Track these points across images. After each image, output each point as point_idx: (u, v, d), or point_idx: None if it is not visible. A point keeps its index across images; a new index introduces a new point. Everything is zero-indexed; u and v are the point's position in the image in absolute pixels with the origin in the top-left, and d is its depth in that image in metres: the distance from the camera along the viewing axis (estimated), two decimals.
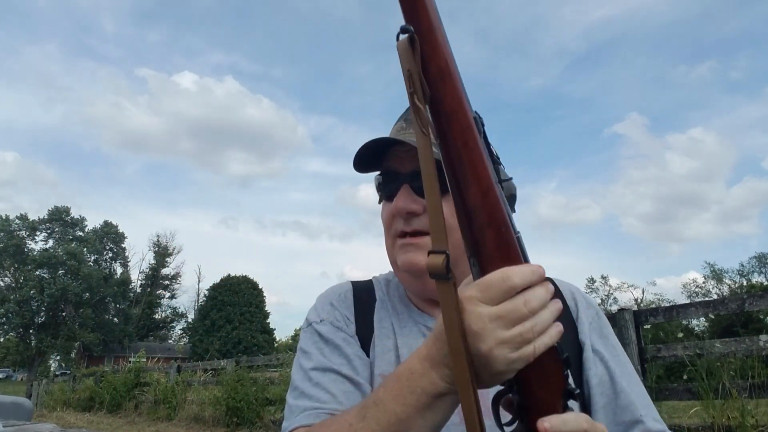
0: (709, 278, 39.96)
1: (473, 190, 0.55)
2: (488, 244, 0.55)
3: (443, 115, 0.55)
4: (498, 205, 0.55)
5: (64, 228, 46.37)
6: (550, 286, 0.55)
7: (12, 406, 3.44)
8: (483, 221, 0.55)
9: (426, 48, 0.55)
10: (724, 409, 4.02)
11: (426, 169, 0.56)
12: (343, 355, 0.83)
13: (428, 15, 0.55)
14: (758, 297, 4.11)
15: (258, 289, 41.82)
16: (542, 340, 0.53)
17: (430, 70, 0.55)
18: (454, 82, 0.55)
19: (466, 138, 0.55)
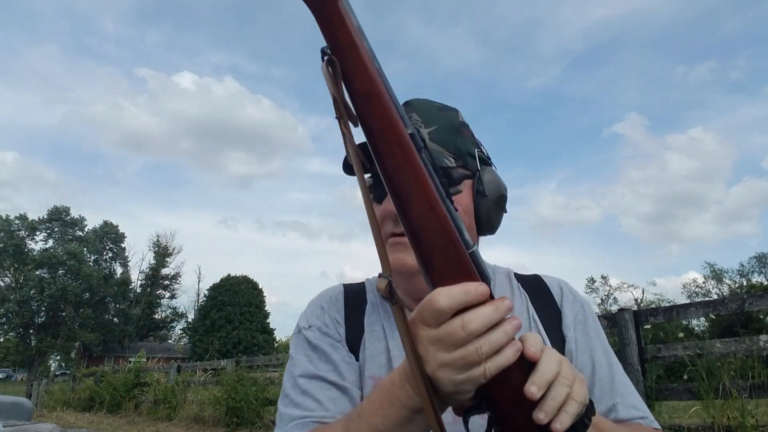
0: (709, 278, 39.98)
1: (416, 210, 0.53)
2: (436, 262, 0.53)
3: (375, 137, 0.53)
4: (444, 222, 0.53)
5: (64, 228, 46.37)
6: (503, 304, 0.51)
7: (12, 406, 3.44)
8: (429, 239, 0.53)
9: (348, 69, 0.53)
10: (724, 409, 4.02)
11: (363, 193, 0.54)
12: (329, 362, 0.84)
13: (348, 33, 0.53)
14: (758, 297, 4.11)
15: (258, 289, 41.81)
16: (495, 361, 0.50)
17: (356, 91, 0.53)
18: (382, 101, 0.53)
19: (401, 159, 0.52)
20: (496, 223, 0.90)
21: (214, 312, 39.28)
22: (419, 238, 0.53)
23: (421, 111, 0.86)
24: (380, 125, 0.53)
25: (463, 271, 0.53)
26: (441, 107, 0.89)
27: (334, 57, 0.53)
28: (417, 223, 0.53)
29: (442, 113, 0.87)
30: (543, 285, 0.95)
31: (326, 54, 0.53)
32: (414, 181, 0.52)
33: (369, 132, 0.53)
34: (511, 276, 0.97)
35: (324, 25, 0.53)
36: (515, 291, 0.94)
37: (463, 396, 0.53)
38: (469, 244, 0.54)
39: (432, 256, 0.53)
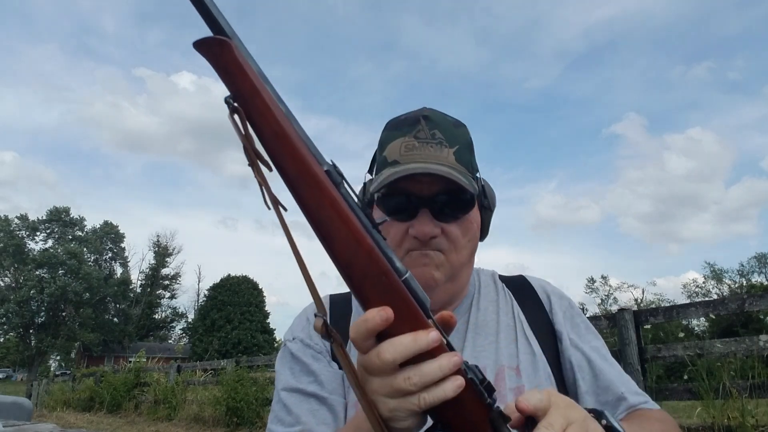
0: (709, 278, 40.00)
1: (341, 246, 0.52)
2: (371, 295, 0.52)
3: (290, 179, 0.53)
4: (372, 254, 0.52)
5: (64, 228, 46.37)
6: (425, 336, 0.51)
7: (12, 406, 3.44)
8: (359, 272, 0.52)
9: (254, 115, 0.53)
10: (724, 409, 4.03)
11: (289, 240, 0.54)
12: (310, 373, 0.86)
13: (248, 79, 0.53)
14: (758, 297, 4.12)
15: (258, 289, 41.80)
16: (432, 393, 0.50)
17: (266, 135, 0.53)
18: (292, 142, 0.52)
19: (319, 197, 0.52)
20: (488, 231, 0.96)
21: (214, 312, 39.28)
22: (349, 271, 0.52)
23: (442, 127, 0.86)
24: (294, 166, 0.52)
25: (398, 299, 0.52)
26: (455, 122, 0.90)
27: (238, 105, 0.53)
28: (345, 258, 0.52)
29: (458, 130, 0.88)
30: (528, 285, 0.98)
31: (229, 103, 0.53)
32: (336, 217, 0.52)
33: (284, 174, 0.53)
34: (495, 278, 1.00)
35: (223, 75, 0.53)
36: (500, 292, 0.97)
37: (400, 423, 0.53)
38: (401, 271, 0.53)
39: (365, 287, 0.52)
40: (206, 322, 39.13)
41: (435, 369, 0.50)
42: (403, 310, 0.52)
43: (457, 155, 0.83)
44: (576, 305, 0.97)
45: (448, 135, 0.85)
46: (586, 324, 0.93)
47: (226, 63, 0.53)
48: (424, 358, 0.51)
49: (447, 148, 0.83)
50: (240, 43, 0.54)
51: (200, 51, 0.54)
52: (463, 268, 0.89)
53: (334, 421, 0.83)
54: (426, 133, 0.84)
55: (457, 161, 0.83)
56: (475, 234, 0.88)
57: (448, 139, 0.84)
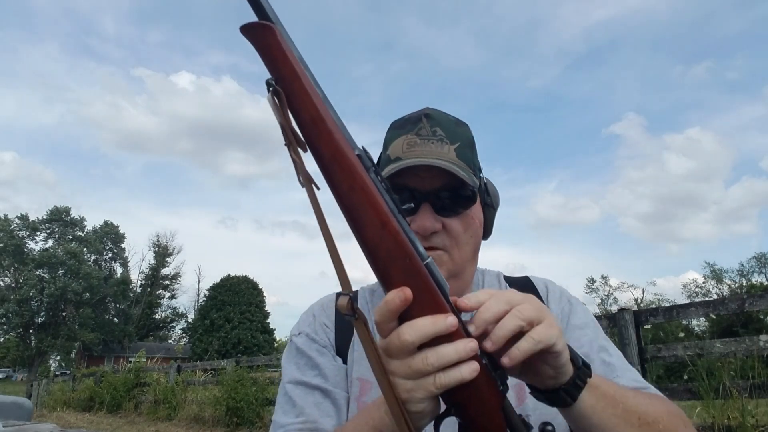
0: (709, 278, 39.99)
1: (369, 229, 0.54)
2: (394, 276, 0.54)
3: (324, 162, 0.55)
4: (398, 238, 0.54)
5: (64, 228, 46.38)
6: (444, 319, 0.53)
7: (12, 406, 3.44)
8: (385, 255, 0.54)
9: (293, 98, 0.55)
10: (725, 409, 4.02)
11: (319, 218, 0.56)
12: (314, 366, 0.88)
13: (289, 63, 0.55)
14: (758, 297, 4.11)
15: (258, 289, 41.82)
16: (448, 375, 0.52)
17: (303, 118, 0.55)
18: (328, 126, 0.55)
19: (350, 181, 0.54)
20: (492, 228, 0.96)
21: (214, 312, 39.29)
22: (375, 254, 0.55)
23: (443, 125, 0.88)
24: (329, 149, 0.55)
25: (422, 283, 0.54)
26: (456, 121, 0.91)
27: (279, 87, 0.55)
28: (372, 241, 0.54)
29: (459, 128, 0.90)
30: (531, 286, 0.98)
31: (271, 85, 0.55)
32: (365, 201, 0.54)
33: (318, 156, 0.56)
34: (500, 278, 1.01)
35: (266, 59, 0.56)
36: None
37: (416, 405, 0.54)
38: (423, 256, 0.55)
39: (390, 270, 0.54)
40: (206, 322, 39.13)
41: (452, 352, 0.52)
42: (425, 294, 0.54)
43: (458, 152, 0.85)
44: (579, 303, 0.96)
45: (449, 132, 0.87)
46: (587, 321, 0.92)
47: (270, 47, 0.55)
48: (443, 342, 0.53)
49: (448, 144, 0.85)
50: (283, 29, 0.57)
51: (246, 35, 0.56)
52: (467, 265, 0.89)
53: (337, 413, 0.84)
54: (428, 131, 0.86)
55: (458, 157, 0.85)
56: (476, 231, 0.89)
57: (449, 136, 0.86)
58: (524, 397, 0.84)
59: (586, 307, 0.96)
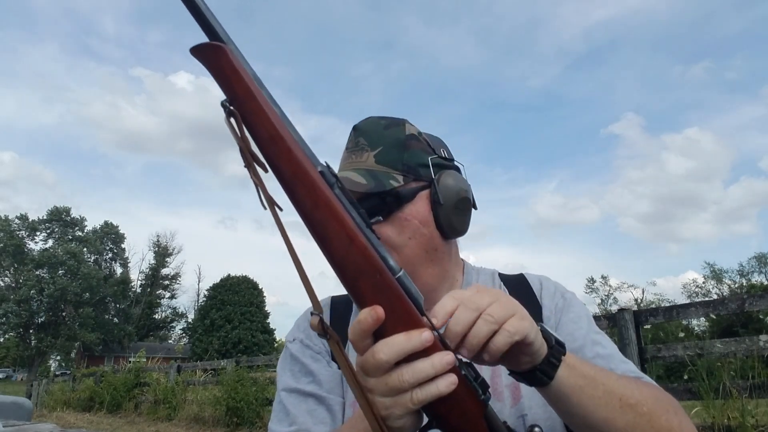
0: (709, 278, 39.99)
1: (336, 245, 0.54)
2: (366, 294, 0.53)
3: (286, 181, 0.54)
4: (366, 253, 0.53)
5: (64, 228, 46.37)
6: (419, 336, 0.52)
7: (12, 406, 3.44)
8: (354, 271, 0.53)
9: (249, 118, 0.54)
10: (724, 409, 4.02)
11: (285, 239, 0.55)
12: (308, 373, 0.88)
13: (243, 83, 0.54)
14: (758, 297, 4.11)
15: (258, 289, 41.81)
16: (425, 390, 0.52)
17: (261, 137, 0.54)
18: (287, 144, 0.54)
19: (314, 198, 0.54)
20: (461, 225, 0.90)
21: (214, 312, 39.27)
22: (344, 271, 0.54)
23: (367, 134, 0.88)
24: (289, 167, 0.54)
25: (393, 297, 0.53)
26: (387, 124, 0.90)
27: (234, 108, 0.54)
28: (340, 257, 0.54)
29: (387, 131, 0.89)
30: (525, 283, 0.97)
31: (226, 107, 0.54)
32: (330, 217, 0.54)
33: (279, 175, 0.55)
34: (495, 276, 0.99)
35: (219, 80, 0.55)
36: None
37: (396, 421, 0.54)
38: (395, 269, 0.55)
39: (360, 287, 0.54)
40: (206, 322, 39.11)
41: (428, 367, 0.52)
42: (398, 309, 0.53)
43: (378, 156, 0.85)
44: (574, 298, 0.94)
45: (372, 139, 0.87)
46: (580, 315, 0.90)
47: (222, 67, 0.55)
48: (419, 357, 0.52)
49: (368, 152, 0.86)
50: (235, 48, 0.56)
51: (196, 56, 0.55)
52: (418, 268, 0.85)
53: (332, 420, 0.84)
54: (353, 143, 0.89)
55: (378, 162, 0.85)
56: (417, 230, 0.84)
57: (372, 143, 0.87)
58: (519, 397, 0.84)
59: (580, 302, 0.94)
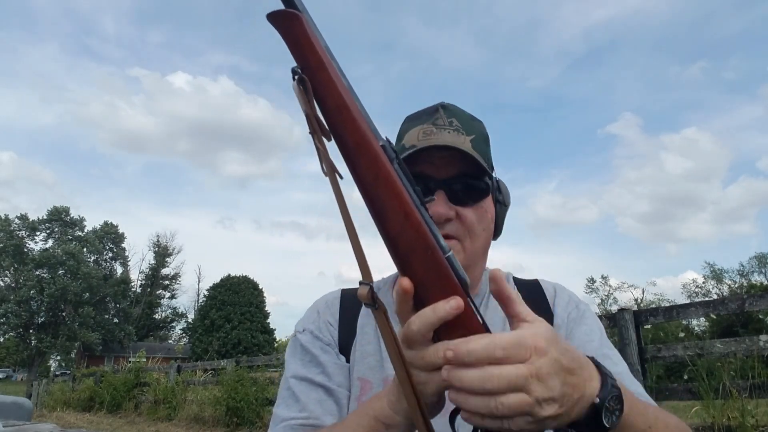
0: (709, 278, 39.98)
1: (391, 219, 0.54)
2: (416, 269, 0.54)
3: (349, 151, 0.55)
4: (420, 229, 0.54)
5: (64, 228, 46.35)
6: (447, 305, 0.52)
7: (12, 406, 3.44)
8: (406, 247, 0.54)
9: (318, 86, 0.55)
10: (724, 409, 4.02)
11: (342, 208, 0.56)
12: (318, 364, 0.88)
13: (316, 52, 0.55)
14: (758, 297, 4.11)
15: (258, 289, 41.80)
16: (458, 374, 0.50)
17: (328, 106, 0.55)
18: (353, 115, 0.55)
19: (375, 170, 0.54)
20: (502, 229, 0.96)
21: (214, 312, 39.27)
22: (396, 245, 0.55)
23: (459, 117, 0.88)
24: (353, 138, 0.55)
25: (442, 275, 0.54)
26: (471, 117, 0.92)
27: (305, 75, 0.55)
28: (394, 231, 0.55)
29: (475, 123, 0.90)
30: (539, 289, 0.96)
31: (296, 73, 0.55)
32: (389, 191, 0.54)
33: (343, 145, 0.55)
34: (510, 280, 0.99)
35: (292, 47, 0.56)
36: None
37: (429, 398, 0.55)
38: (444, 249, 0.56)
39: (411, 261, 0.54)
40: (206, 322, 39.10)
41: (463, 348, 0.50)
42: (445, 287, 0.54)
43: (473, 143, 0.85)
44: (588, 309, 0.93)
45: (465, 125, 0.87)
46: (592, 328, 0.89)
47: (297, 35, 0.56)
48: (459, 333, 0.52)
49: (464, 135, 0.86)
50: (310, 18, 0.57)
51: (272, 22, 0.56)
52: (478, 259, 0.88)
53: (339, 412, 0.85)
54: (444, 121, 0.87)
55: (474, 149, 0.85)
56: (489, 225, 0.88)
57: (465, 128, 0.87)
58: None
59: (594, 314, 0.93)
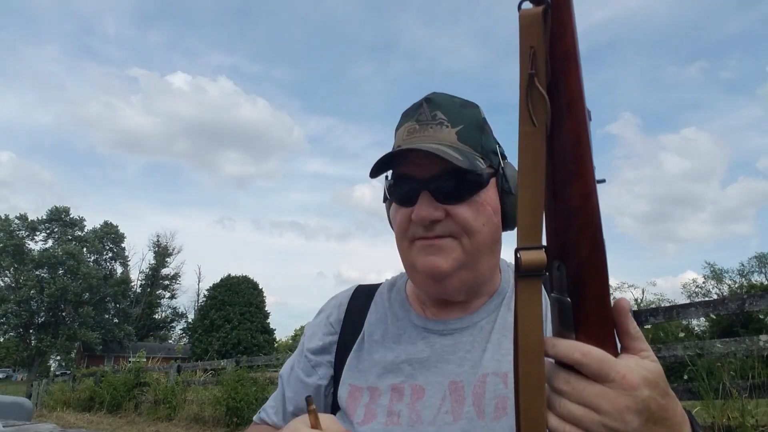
0: (709, 278, 39.98)
1: (576, 190, 0.50)
2: (583, 248, 0.50)
3: (563, 103, 0.49)
4: (597, 209, 0.50)
5: (64, 228, 46.32)
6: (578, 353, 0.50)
7: (12, 406, 3.44)
8: (582, 223, 0.50)
9: (556, 26, 0.48)
10: (724, 409, 4.02)
11: (532, 162, 0.50)
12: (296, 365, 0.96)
13: None
14: (758, 297, 4.11)
15: (258, 289, 41.76)
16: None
17: (557, 52, 0.49)
18: (578, 70, 0.49)
19: (580, 133, 0.50)
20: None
21: (214, 312, 39.24)
22: (571, 219, 0.50)
23: (445, 108, 0.82)
24: (572, 94, 0.49)
25: (602, 260, 0.51)
26: (463, 103, 0.85)
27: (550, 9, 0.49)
28: (574, 204, 0.50)
29: (465, 110, 0.84)
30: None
31: (543, 2, 0.48)
32: (584, 161, 0.50)
33: (560, 96, 0.50)
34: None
35: None
36: None
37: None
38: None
39: (580, 240, 0.50)
40: (206, 322, 39.06)
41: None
42: (603, 276, 0.51)
43: (460, 134, 0.80)
44: None
45: (451, 115, 0.82)
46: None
47: None
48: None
49: (449, 128, 0.80)
50: None
51: None
52: (482, 256, 0.81)
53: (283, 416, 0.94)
54: (427, 116, 0.82)
55: (460, 140, 0.80)
56: (490, 218, 0.81)
57: (451, 119, 0.81)
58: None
59: None
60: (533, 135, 0.50)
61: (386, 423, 0.78)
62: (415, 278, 0.86)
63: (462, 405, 0.77)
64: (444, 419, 0.76)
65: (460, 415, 0.76)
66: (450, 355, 0.82)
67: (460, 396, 0.78)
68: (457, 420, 0.76)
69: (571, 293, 0.50)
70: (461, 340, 0.83)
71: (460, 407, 0.77)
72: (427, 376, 0.81)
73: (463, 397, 0.77)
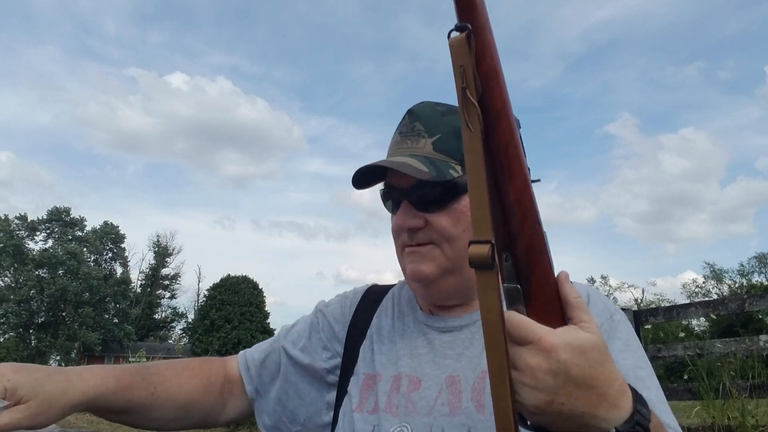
0: (709, 278, 40.02)
1: (512, 187, 0.57)
2: (524, 237, 0.57)
3: (490, 114, 0.57)
4: (533, 202, 0.58)
5: (64, 228, 46.36)
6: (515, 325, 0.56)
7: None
8: (520, 216, 0.57)
9: (479, 47, 0.57)
10: (725, 409, 4.03)
11: (473, 163, 0.57)
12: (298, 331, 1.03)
13: (481, 14, 0.57)
14: (758, 297, 4.12)
15: (258, 289, 41.64)
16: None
17: (482, 68, 0.57)
18: (502, 82, 0.58)
19: (508, 138, 0.57)
20: None
21: (214, 312, 39.24)
22: (511, 213, 0.58)
23: (424, 119, 0.86)
24: (498, 104, 0.57)
25: (543, 248, 0.58)
26: (444, 111, 0.88)
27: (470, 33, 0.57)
28: (512, 199, 0.58)
29: (445, 118, 0.86)
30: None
31: (465, 29, 0.56)
32: (517, 159, 0.58)
33: (488, 107, 0.57)
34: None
35: (462, 3, 0.57)
36: None
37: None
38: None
39: (521, 231, 0.58)
40: (206, 322, 39.01)
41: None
42: (545, 264, 0.59)
43: (436, 144, 0.84)
44: (622, 317, 0.86)
45: (429, 125, 0.86)
46: (629, 341, 0.82)
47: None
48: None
49: (425, 138, 0.85)
50: None
51: None
52: (465, 262, 0.82)
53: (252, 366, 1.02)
54: (407, 127, 0.87)
55: (436, 150, 0.83)
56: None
57: (429, 129, 0.85)
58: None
59: (628, 324, 0.86)
60: (471, 139, 0.57)
61: (385, 410, 0.83)
62: (408, 283, 0.92)
63: (459, 399, 0.79)
64: (440, 411, 0.79)
65: (459, 409, 0.78)
66: (448, 350, 0.86)
67: (456, 390, 0.80)
68: (456, 414, 0.78)
69: (520, 279, 0.58)
70: (460, 337, 0.87)
71: (458, 401, 0.79)
72: (425, 369, 0.85)
73: (459, 391, 0.80)
